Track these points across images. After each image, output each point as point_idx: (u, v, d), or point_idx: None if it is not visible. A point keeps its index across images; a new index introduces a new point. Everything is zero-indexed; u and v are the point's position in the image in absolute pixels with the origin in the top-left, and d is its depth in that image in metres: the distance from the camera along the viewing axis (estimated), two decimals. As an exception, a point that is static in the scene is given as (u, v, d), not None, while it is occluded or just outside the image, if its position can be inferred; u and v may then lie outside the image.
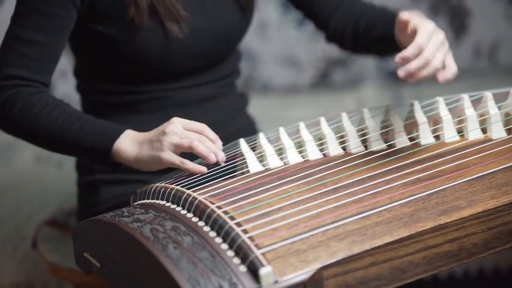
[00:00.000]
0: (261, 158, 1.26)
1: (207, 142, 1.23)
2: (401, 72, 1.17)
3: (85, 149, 1.30)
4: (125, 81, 1.44)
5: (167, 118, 1.28)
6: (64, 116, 1.30)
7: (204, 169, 1.22)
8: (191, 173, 1.23)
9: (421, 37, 1.18)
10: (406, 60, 1.17)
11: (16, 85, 1.32)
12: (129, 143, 1.27)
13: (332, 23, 1.54)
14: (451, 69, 1.22)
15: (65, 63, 2.37)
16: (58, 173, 2.11)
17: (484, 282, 1.99)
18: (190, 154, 1.24)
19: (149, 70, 1.42)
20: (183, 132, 1.23)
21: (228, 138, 1.41)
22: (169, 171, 1.28)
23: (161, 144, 1.23)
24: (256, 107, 2.12)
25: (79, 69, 1.50)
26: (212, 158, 1.22)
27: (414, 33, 1.21)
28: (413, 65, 1.17)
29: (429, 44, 1.18)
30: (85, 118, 1.31)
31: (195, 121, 1.25)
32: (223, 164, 1.24)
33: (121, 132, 1.28)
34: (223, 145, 1.27)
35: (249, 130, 1.57)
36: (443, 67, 1.21)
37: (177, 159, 1.22)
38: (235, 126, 1.52)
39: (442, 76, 1.21)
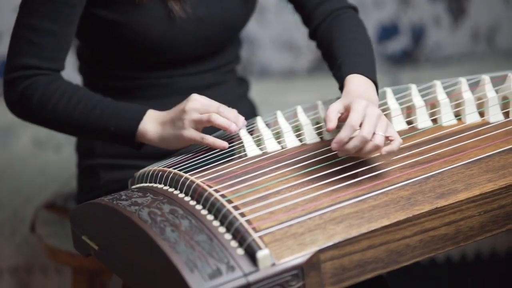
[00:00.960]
0: (258, 142, 1.26)
1: (226, 113, 1.24)
2: (340, 153, 1.15)
3: (109, 134, 1.31)
4: (128, 67, 1.44)
5: (168, 105, 1.28)
6: (84, 103, 1.31)
7: (225, 144, 1.23)
8: (212, 148, 1.24)
9: (353, 117, 1.14)
10: (342, 143, 1.13)
11: (32, 75, 1.32)
12: (152, 124, 1.29)
13: (314, 21, 1.47)
14: (396, 141, 1.15)
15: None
16: (57, 156, 2.11)
17: (481, 266, 2.00)
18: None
19: (152, 57, 1.42)
20: (202, 107, 1.24)
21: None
22: (166, 157, 1.28)
23: (183, 122, 1.24)
24: (254, 92, 2.11)
25: (82, 52, 1.50)
26: (233, 127, 1.23)
27: (348, 110, 1.17)
28: (349, 146, 1.13)
29: (364, 123, 1.14)
30: (104, 102, 1.32)
31: (211, 101, 1.25)
32: (244, 128, 1.25)
33: (144, 113, 1.30)
34: (224, 131, 1.27)
35: (250, 115, 1.57)
36: (387, 141, 1.16)
37: (197, 135, 1.24)
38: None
39: (387, 149, 1.15)
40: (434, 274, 2.01)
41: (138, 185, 1.23)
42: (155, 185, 1.19)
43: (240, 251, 1.02)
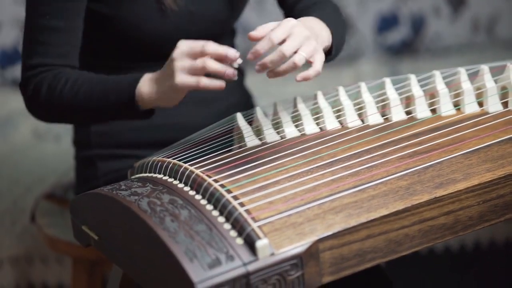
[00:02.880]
0: (258, 132, 1.26)
1: (219, 51, 1.17)
2: (256, 66, 1.12)
3: (112, 107, 1.28)
4: (122, 59, 1.45)
5: None
6: (86, 84, 1.30)
7: (223, 83, 1.17)
8: (211, 138, 1.21)
9: (276, 31, 1.12)
10: (257, 54, 1.11)
11: (40, 72, 1.33)
12: (148, 84, 1.24)
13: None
14: (315, 68, 1.13)
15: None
16: (56, 147, 2.12)
17: (480, 255, 2.00)
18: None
19: (146, 50, 1.42)
20: (189, 51, 1.17)
21: (224, 112, 1.41)
22: (163, 146, 1.28)
23: (173, 70, 1.17)
24: (253, 82, 2.11)
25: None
26: (229, 72, 1.16)
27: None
28: (266, 60, 1.11)
29: (287, 39, 1.11)
30: (106, 77, 1.31)
31: (196, 42, 1.18)
32: (238, 65, 1.18)
33: (139, 77, 1.26)
34: (219, 119, 1.27)
35: (246, 104, 1.58)
36: (308, 63, 1.13)
37: (191, 80, 1.16)
38: (231, 100, 1.52)
39: (302, 74, 1.13)
40: (433, 264, 2.01)
41: (137, 175, 1.23)
42: (154, 175, 1.19)
43: (239, 241, 1.02)
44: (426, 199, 1.09)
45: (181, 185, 1.13)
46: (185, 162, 1.17)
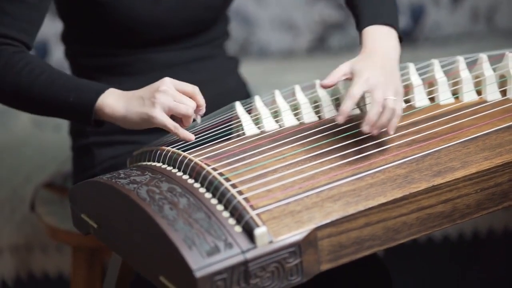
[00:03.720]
0: (256, 121, 1.27)
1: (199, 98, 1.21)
2: (366, 128, 1.15)
3: (68, 105, 1.25)
4: (113, 45, 1.45)
5: (154, 79, 1.26)
6: (47, 73, 1.27)
7: (193, 136, 1.20)
8: (211, 127, 1.23)
9: (354, 89, 1.16)
10: (345, 115, 1.15)
11: (1, 43, 1.29)
12: (115, 98, 1.23)
13: None
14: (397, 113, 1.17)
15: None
16: (56, 136, 2.12)
17: (479, 244, 2.01)
18: None
19: (137, 36, 1.42)
20: (176, 94, 1.19)
21: (217, 97, 1.41)
22: (158, 131, 1.27)
23: (153, 102, 1.18)
24: (253, 72, 2.11)
25: (67, 33, 1.50)
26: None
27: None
28: (372, 117, 1.15)
29: (372, 91, 1.16)
30: (68, 76, 1.28)
31: (186, 83, 1.22)
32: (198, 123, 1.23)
33: (106, 88, 1.25)
34: (214, 105, 1.27)
35: (240, 91, 1.58)
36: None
37: (170, 123, 1.19)
38: (224, 85, 1.52)
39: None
40: (432, 254, 2.02)
41: (136, 164, 1.23)
42: (153, 163, 1.19)
43: (238, 229, 1.03)
44: (424, 187, 1.10)
45: (180, 174, 1.13)
46: (184, 151, 1.17)
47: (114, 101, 1.23)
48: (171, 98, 1.19)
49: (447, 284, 2.04)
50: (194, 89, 1.22)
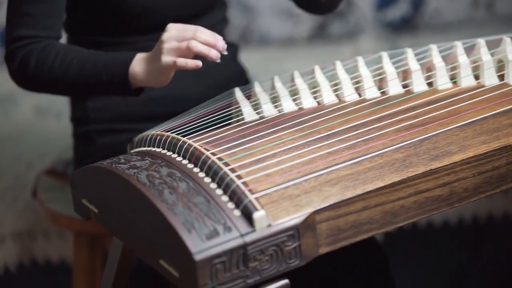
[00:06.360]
0: (256, 106, 1.27)
1: (204, 36, 1.22)
2: None
3: (104, 83, 1.30)
4: (114, 33, 1.45)
5: None
6: (77, 59, 1.32)
7: (199, 62, 1.21)
8: (210, 112, 1.25)
9: None
10: None
11: (28, 44, 1.34)
12: (140, 64, 1.27)
13: None
14: None
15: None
16: (58, 124, 2.13)
17: (478, 230, 2.02)
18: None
19: (136, 22, 1.43)
20: (179, 35, 1.22)
21: (218, 85, 1.42)
22: (159, 119, 1.29)
23: (160, 52, 1.22)
24: (253, 59, 2.12)
25: (68, 22, 1.51)
26: (213, 54, 1.20)
27: None
28: None
29: None
30: (96, 54, 1.32)
31: (189, 25, 1.24)
32: (225, 53, 1.23)
33: (132, 56, 1.29)
34: (213, 92, 1.27)
35: (240, 78, 1.58)
36: None
37: (170, 60, 1.21)
38: (225, 73, 1.53)
39: None
40: (431, 239, 2.03)
41: (136, 149, 1.24)
42: (153, 149, 1.20)
43: (237, 213, 1.04)
44: (421, 171, 1.11)
45: (179, 159, 1.14)
46: (183, 136, 1.18)
47: (140, 67, 1.27)
48: (174, 41, 1.21)
49: (447, 270, 2.05)
50: (196, 27, 1.23)
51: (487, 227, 2.01)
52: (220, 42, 1.21)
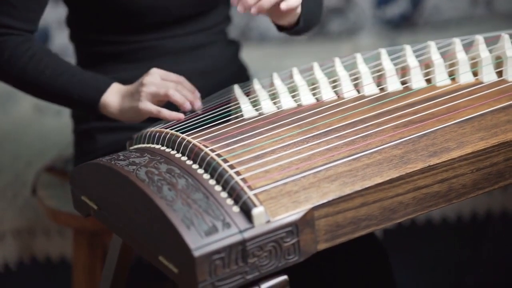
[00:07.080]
0: (254, 103, 1.28)
1: (184, 91, 1.26)
2: (239, 7, 1.16)
3: (72, 101, 1.34)
4: (117, 31, 1.45)
5: (158, 67, 1.30)
6: (52, 67, 1.33)
7: (181, 115, 1.25)
8: (208, 109, 1.26)
9: None
10: (246, 5, 1.16)
11: (3, 34, 1.34)
12: (114, 96, 1.32)
13: None
14: None
15: (63, 13, 2.37)
16: (57, 121, 2.13)
17: (477, 226, 2.02)
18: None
19: (139, 20, 1.43)
20: (160, 82, 1.26)
21: (220, 84, 1.42)
22: (157, 120, 1.30)
23: (139, 95, 1.27)
24: (252, 57, 2.12)
25: (71, 19, 1.51)
26: (187, 106, 1.26)
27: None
28: None
29: None
30: (72, 69, 1.34)
31: (173, 73, 1.28)
32: (199, 112, 1.27)
33: (108, 86, 1.32)
34: (215, 90, 1.28)
35: (241, 77, 1.59)
36: None
37: (153, 108, 1.26)
38: (227, 72, 1.53)
39: (285, 4, 1.17)
40: (430, 235, 2.03)
41: (136, 146, 1.24)
42: (152, 145, 1.20)
43: (236, 209, 1.04)
44: (420, 167, 1.11)
45: (178, 155, 1.14)
46: (182, 133, 1.18)
47: (113, 99, 1.32)
48: (154, 86, 1.26)
49: (446, 266, 2.05)
50: (179, 78, 1.28)
51: (486, 224, 2.01)
52: (197, 101, 1.27)
